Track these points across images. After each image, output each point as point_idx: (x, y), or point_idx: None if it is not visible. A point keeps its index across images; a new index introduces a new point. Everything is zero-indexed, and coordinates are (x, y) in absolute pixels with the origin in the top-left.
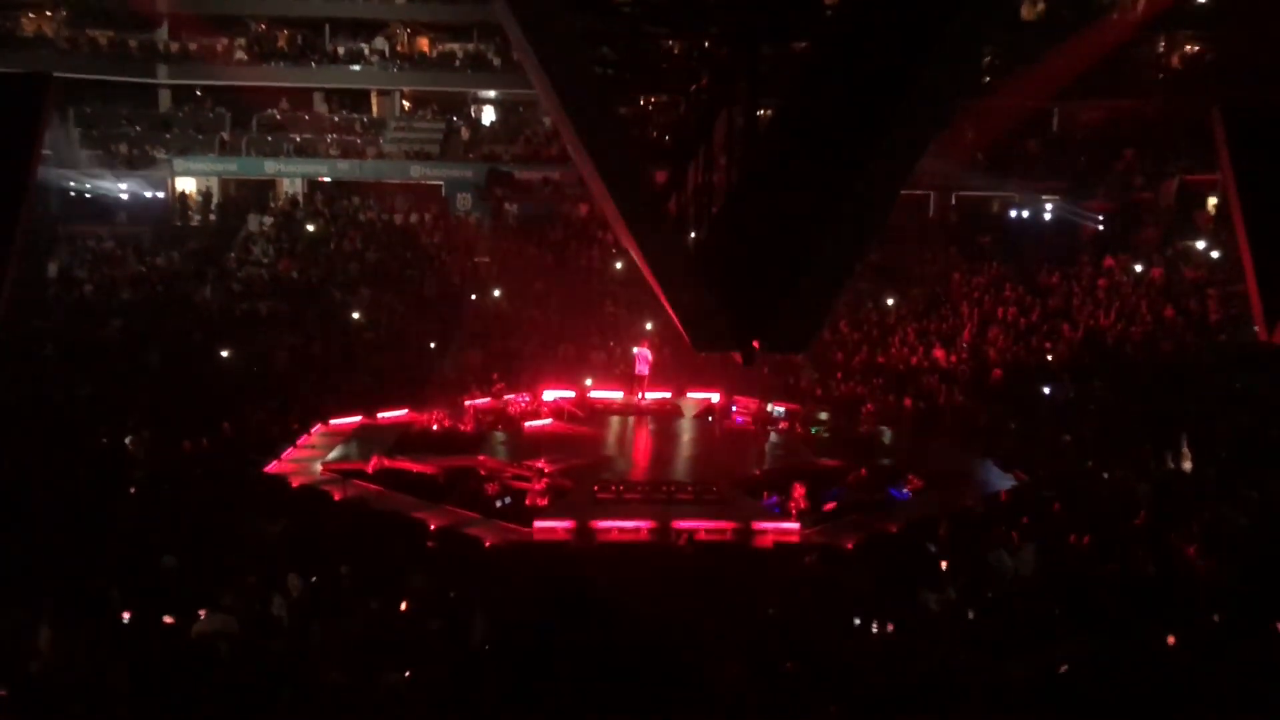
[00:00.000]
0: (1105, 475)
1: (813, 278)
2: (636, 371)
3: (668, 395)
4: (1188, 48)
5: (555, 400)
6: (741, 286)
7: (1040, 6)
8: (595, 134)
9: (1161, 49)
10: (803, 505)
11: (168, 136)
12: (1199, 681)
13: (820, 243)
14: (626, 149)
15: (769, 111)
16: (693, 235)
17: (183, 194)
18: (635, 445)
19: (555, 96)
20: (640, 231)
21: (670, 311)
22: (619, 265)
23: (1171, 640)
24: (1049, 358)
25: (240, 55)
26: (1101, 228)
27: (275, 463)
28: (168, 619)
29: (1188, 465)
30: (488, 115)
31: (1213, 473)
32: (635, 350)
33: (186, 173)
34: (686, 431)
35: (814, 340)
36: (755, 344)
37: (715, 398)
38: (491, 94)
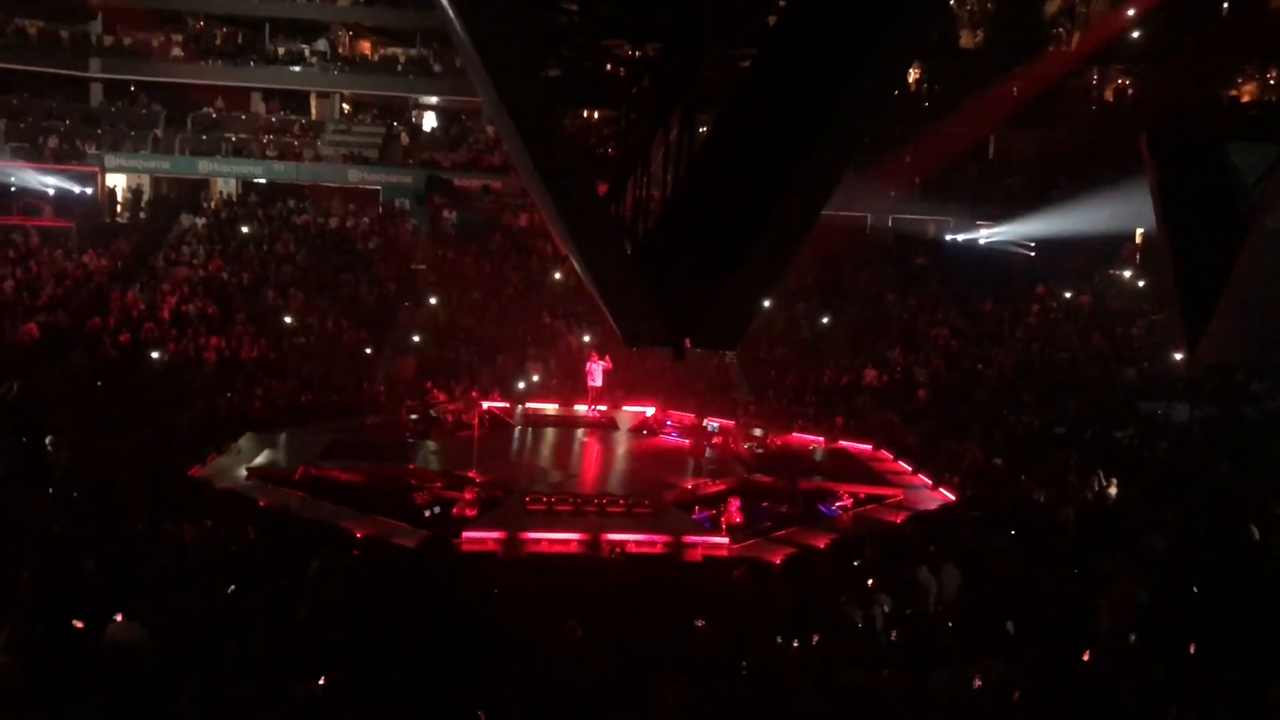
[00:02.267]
0: (1030, 497)
1: (741, 280)
2: (590, 384)
3: (603, 408)
4: (1119, 81)
5: (487, 409)
6: (674, 287)
7: (980, 35)
8: (531, 125)
9: (1094, 82)
10: (735, 520)
11: (99, 132)
12: (1113, 701)
13: (748, 248)
14: (562, 139)
15: (704, 130)
16: (629, 247)
17: (113, 191)
18: (568, 457)
19: (486, 73)
20: (575, 225)
21: (604, 307)
22: (557, 276)
23: (1086, 657)
24: (978, 380)
25: (177, 51)
26: (1033, 254)
27: (199, 466)
28: (78, 623)
29: (1112, 490)
30: (428, 121)
31: (1135, 497)
32: (590, 364)
33: (118, 169)
34: (621, 445)
35: (741, 338)
36: (686, 341)
37: (650, 412)
38: (433, 100)
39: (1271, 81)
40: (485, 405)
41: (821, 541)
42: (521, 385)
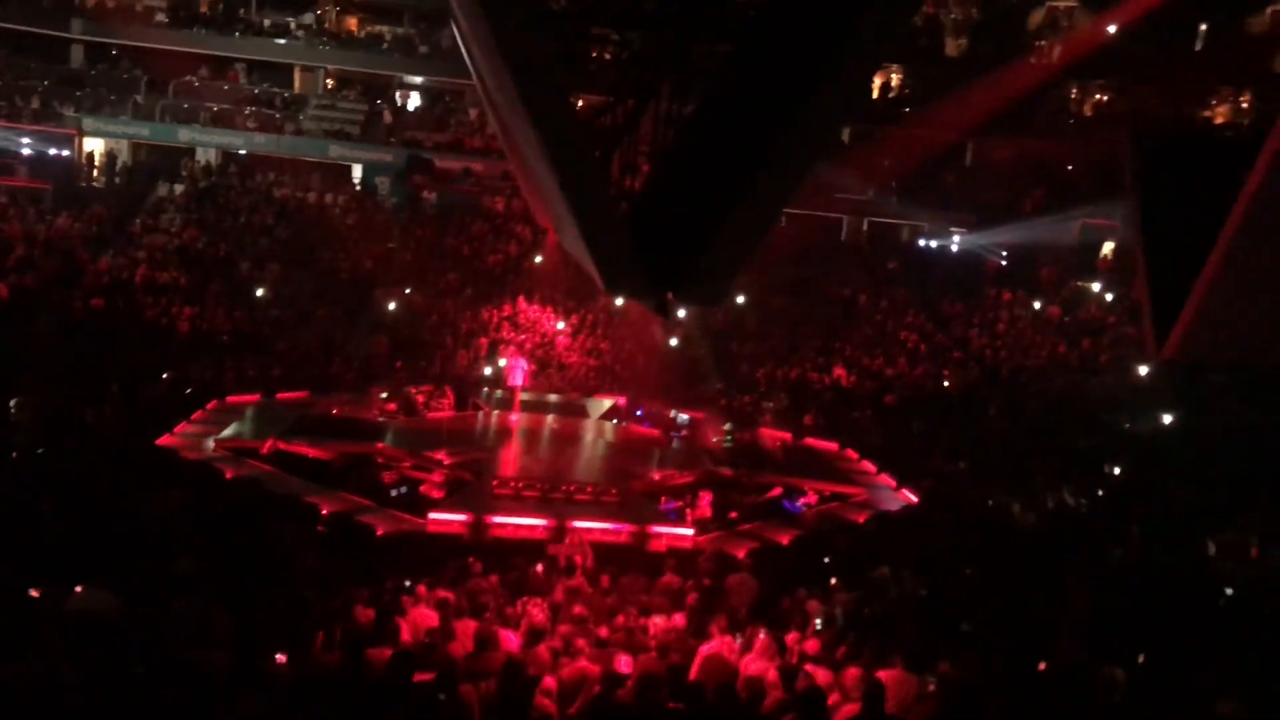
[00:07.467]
0: (992, 503)
1: (726, 242)
2: (510, 383)
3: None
4: (1098, 96)
5: (461, 392)
6: (661, 247)
7: (963, 42)
8: (531, 76)
9: (1074, 95)
10: (704, 514)
11: (78, 94)
12: (1068, 709)
13: (733, 213)
14: (559, 85)
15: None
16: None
17: (90, 154)
18: (538, 442)
19: (488, 28)
20: (565, 169)
21: (588, 260)
22: (538, 259)
23: (1043, 667)
24: (946, 384)
25: (160, 17)
26: (1004, 263)
27: (167, 435)
28: (34, 592)
29: (1071, 499)
30: (412, 101)
31: (1096, 507)
32: (510, 362)
33: (96, 133)
34: (590, 432)
35: (723, 297)
36: (669, 296)
37: (621, 401)
38: (418, 80)
39: (1244, 105)
40: (458, 387)
41: (785, 537)
42: (490, 370)
